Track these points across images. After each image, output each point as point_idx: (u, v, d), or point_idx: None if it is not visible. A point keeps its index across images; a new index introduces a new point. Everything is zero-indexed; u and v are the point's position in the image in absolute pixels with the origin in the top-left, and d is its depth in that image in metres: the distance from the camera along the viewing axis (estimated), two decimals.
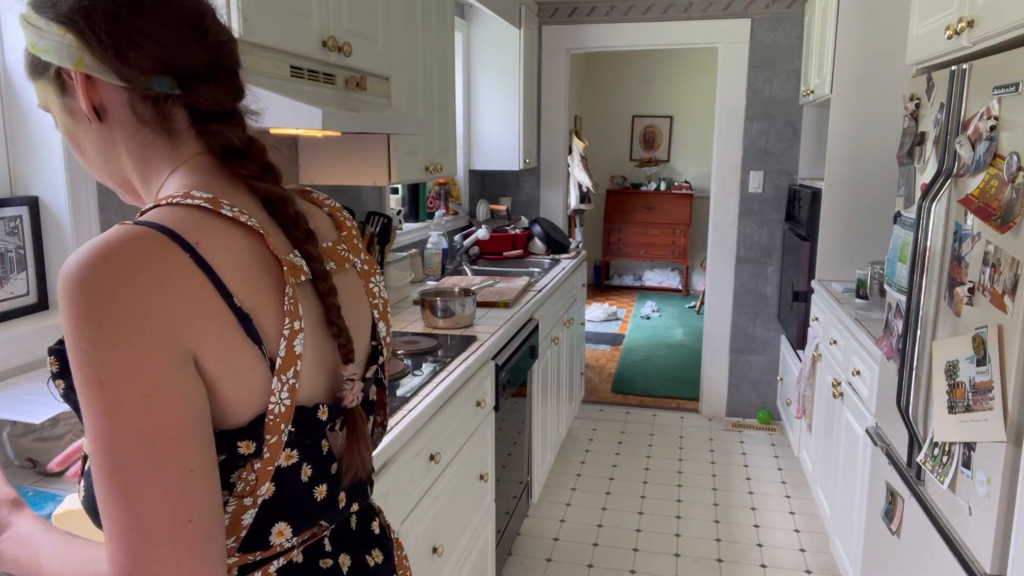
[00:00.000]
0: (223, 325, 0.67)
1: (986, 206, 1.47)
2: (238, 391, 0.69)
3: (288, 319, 0.71)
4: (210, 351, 0.66)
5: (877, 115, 3.10)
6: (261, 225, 0.73)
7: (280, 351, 0.71)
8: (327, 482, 0.79)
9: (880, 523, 2.08)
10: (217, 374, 0.67)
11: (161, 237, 0.66)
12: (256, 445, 0.70)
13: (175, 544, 0.63)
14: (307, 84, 1.70)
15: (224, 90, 0.77)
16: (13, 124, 1.51)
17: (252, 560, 0.75)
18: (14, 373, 1.41)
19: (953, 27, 1.75)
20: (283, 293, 0.72)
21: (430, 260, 3.29)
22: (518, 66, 3.87)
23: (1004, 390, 1.37)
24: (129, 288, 0.62)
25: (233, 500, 0.72)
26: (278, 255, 0.73)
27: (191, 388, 0.65)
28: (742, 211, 4.09)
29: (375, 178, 2.27)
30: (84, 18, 0.71)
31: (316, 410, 0.76)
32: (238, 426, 0.69)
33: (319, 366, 0.77)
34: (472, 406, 2.09)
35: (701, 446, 3.93)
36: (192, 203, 0.70)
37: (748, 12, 3.90)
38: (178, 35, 0.74)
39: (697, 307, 6.97)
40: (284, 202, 0.78)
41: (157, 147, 0.77)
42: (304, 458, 0.76)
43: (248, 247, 0.71)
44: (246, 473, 0.71)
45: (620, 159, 7.96)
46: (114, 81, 0.73)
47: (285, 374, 0.71)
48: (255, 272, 0.71)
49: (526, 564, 2.80)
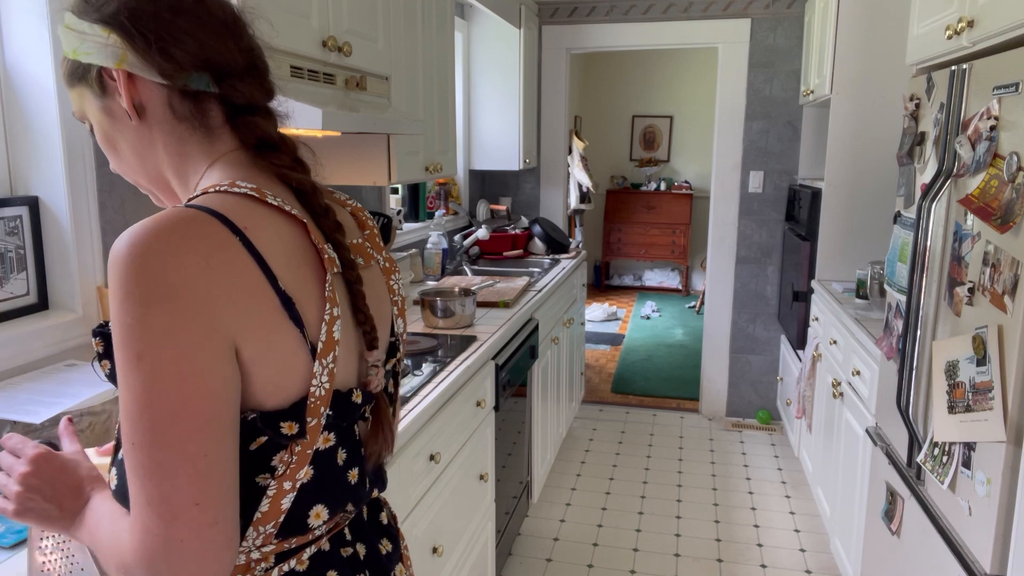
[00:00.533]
0: (267, 307, 0.70)
1: (986, 206, 1.47)
2: (279, 373, 0.71)
3: (329, 305, 0.75)
4: (253, 333, 0.68)
5: (877, 115, 3.10)
6: (303, 215, 0.77)
7: (321, 336, 0.74)
8: (358, 466, 0.83)
9: (880, 523, 2.08)
10: (258, 356, 0.69)
11: (212, 219, 0.68)
12: (299, 426, 0.73)
13: (180, 524, 0.65)
14: (307, 84, 1.70)
15: (258, 86, 0.81)
16: (13, 124, 1.51)
17: (288, 547, 0.78)
18: (14, 373, 1.41)
19: (953, 27, 1.75)
20: (323, 280, 0.76)
21: (430, 260, 3.29)
22: (518, 66, 3.88)
23: (1004, 390, 1.37)
24: (178, 266, 0.65)
25: (274, 484, 0.74)
26: (318, 244, 0.76)
27: (225, 374, 0.67)
28: (742, 211, 4.09)
29: (375, 178, 2.27)
30: (129, 18, 0.75)
31: (351, 394, 0.79)
32: (280, 407, 0.72)
33: (349, 352, 0.81)
34: (472, 406, 2.09)
35: (701, 446, 3.93)
36: (239, 191, 0.73)
37: (748, 12, 3.90)
38: (216, 35, 0.77)
39: (697, 307, 6.97)
40: (316, 192, 0.82)
41: (195, 143, 0.80)
42: (340, 441, 0.79)
43: (291, 235, 0.75)
44: (287, 456, 0.74)
45: (620, 159, 7.96)
46: (155, 78, 0.76)
47: (325, 358, 0.74)
48: (297, 259, 0.74)
49: (526, 564, 2.80)
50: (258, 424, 0.71)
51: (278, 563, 0.77)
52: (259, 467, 0.73)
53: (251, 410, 0.71)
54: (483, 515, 2.26)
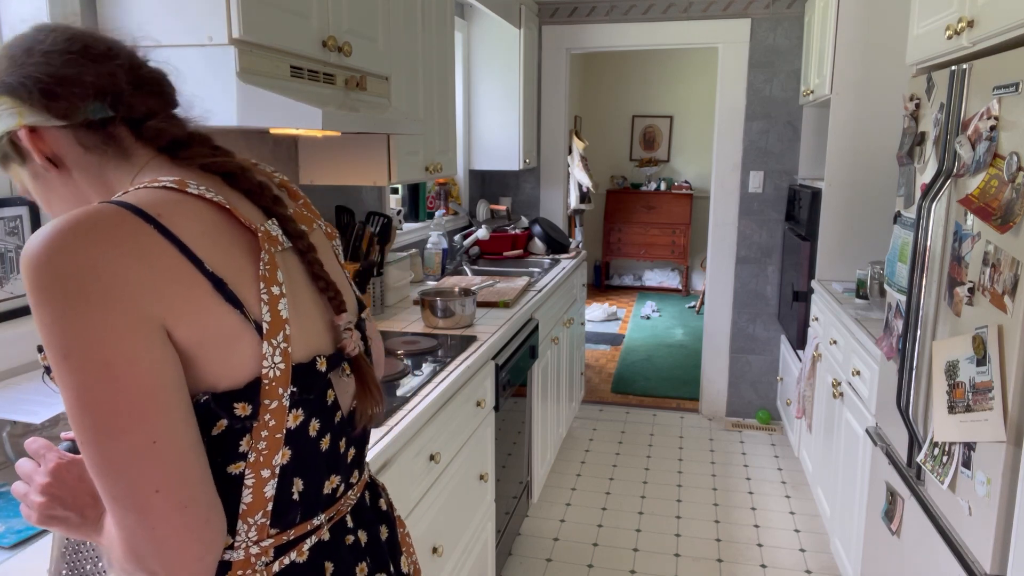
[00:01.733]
0: (196, 290, 0.69)
1: (986, 206, 1.47)
2: (223, 354, 0.71)
3: (264, 284, 0.74)
4: (184, 317, 0.68)
5: (877, 115, 3.10)
6: (227, 200, 0.76)
7: (264, 316, 0.73)
8: (331, 432, 0.83)
9: (880, 523, 2.08)
10: (196, 339, 0.69)
11: (121, 210, 0.68)
12: (252, 408, 0.72)
13: (146, 513, 0.65)
14: (307, 84, 1.70)
15: (153, 96, 0.82)
16: None
17: (287, 540, 0.78)
18: (14, 373, 1.41)
19: (953, 27, 1.74)
20: (258, 260, 0.75)
21: (430, 260, 3.29)
22: (518, 66, 3.87)
23: (1004, 390, 1.37)
24: (88, 258, 0.64)
25: (250, 472, 0.74)
26: (250, 224, 0.76)
27: (156, 358, 0.66)
28: (742, 211, 4.09)
29: (375, 178, 2.27)
30: (9, 77, 0.76)
31: (314, 363, 0.79)
32: (234, 387, 0.71)
33: (314, 322, 0.81)
34: (472, 406, 2.09)
35: (701, 446, 3.93)
36: (157, 185, 0.74)
37: (748, 12, 3.90)
38: (96, 63, 0.78)
39: (697, 307, 6.97)
40: (244, 171, 0.82)
41: (112, 167, 0.80)
42: (310, 413, 0.79)
43: (215, 220, 0.74)
44: (254, 441, 0.73)
45: (620, 159, 7.96)
46: (54, 123, 0.77)
47: (275, 338, 0.73)
48: (226, 241, 0.74)
49: (526, 564, 2.80)
50: (211, 406, 0.71)
51: (278, 556, 0.78)
52: (227, 455, 0.73)
53: (203, 392, 0.71)
54: (483, 515, 2.26)
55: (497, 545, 2.45)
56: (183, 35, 1.47)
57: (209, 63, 1.47)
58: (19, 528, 1.07)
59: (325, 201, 2.56)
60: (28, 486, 0.82)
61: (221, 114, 1.49)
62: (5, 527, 1.08)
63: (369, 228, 2.50)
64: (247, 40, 1.47)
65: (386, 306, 2.66)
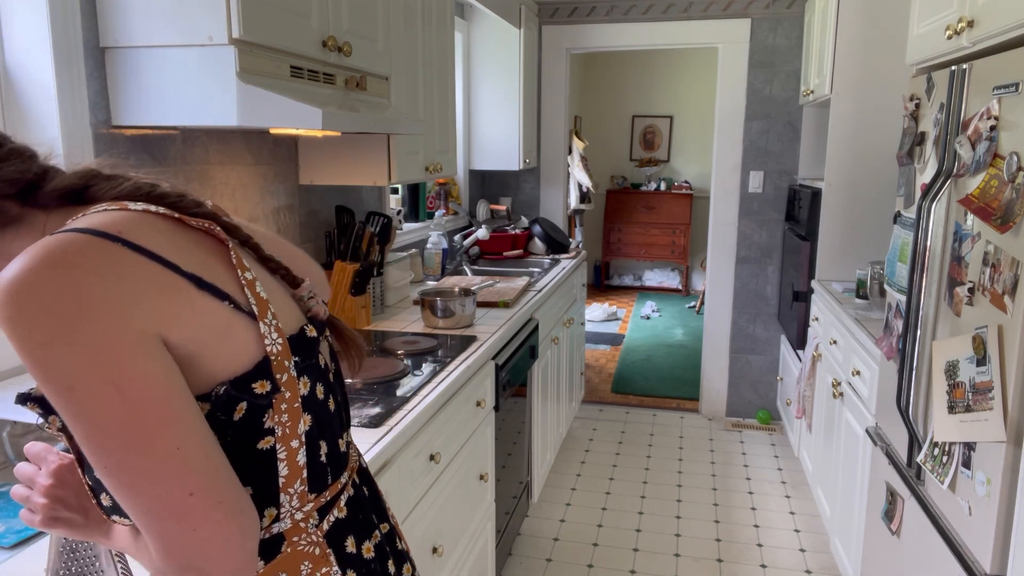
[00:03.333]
0: (180, 293, 0.70)
1: (986, 206, 1.47)
2: (227, 344, 0.72)
3: (240, 271, 0.76)
4: (177, 321, 0.69)
5: (877, 115, 3.10)
6: (164, 209, 0.76)
7: (251, 300, 0.75)
8: (330, 393, 0.87)
9: (880, 523, 2.08)
10: (194, 337, 0.70)
11: (82, 235, 0.67)
12: (270, 383, 0.75)
13: (186, 518, 0.66)
14: (307, 84, 1.70)
15: (21, 162, 0.78)
16: (13, 124, 1.51)
17: (325, 501, 0.82)
18: (14, 373, 1.41)
19: (953, 27, 1.74)
20: (220, 254, 0.76)
21: (430, 260, 3.29)
22: (518, 66, 3.87)
23: (1004, 390, 1.37)
24: (68, 287, 0.63)
25: (281, 446, 0.76)
26: (201, 225, 0.77)
27: (159, 367, 0.66)
28: (742, 211, 4.09)
29: (375, 178, 2.27)
30: None
31: (304, 332, 0.82)
32: (246, 371, 0.73)
33: (283, 299, 0.83)
34: (472, 406, 2.09)
35: (701, 446, 3.93)
36: (99, 210, 0.73)
37: (748, 12, 3.90)
38: None
39: (697, 307, 6.97)
40: (154, 189, 0.80)
41: (9, 239, 0.77)
42: (314, 379, 0.82)
43: (169, 227, 0.75)
44: (277, 415, 0.76)
45: (620, 159, 7.95)
46: None
47: (266, 318, 0.75)
48: (186, 245, 0.74)
49: (526, 564, 2.80)
50: (232, 392, 0.72)
51: (323, 517, 0.81)
52: (254, 434, 0.74)
53: (219, 384, 0.72)
54: (483, 515, 2.26)
55: (497, 545, 2.45)
56: (183, 35, 1.47)
57: (209, 63, 1.47)
58: (19, 528, 1.07)
59: (325, 201, 2.56)
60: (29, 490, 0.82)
61: (221, 114, 1.49)
62: (5, 527, 1.08)
63: (369, 228, 2.50)
64: (247, 40, 1.47)
65: (386, 306, 2.66)
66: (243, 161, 2.08)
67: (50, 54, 1.46)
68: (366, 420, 1.57)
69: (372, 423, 1.56)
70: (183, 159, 1.83)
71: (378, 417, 1.59)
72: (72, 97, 1.50)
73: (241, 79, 1.46)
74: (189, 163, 1.86)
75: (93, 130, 1.55)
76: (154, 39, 1.50)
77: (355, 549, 0.85)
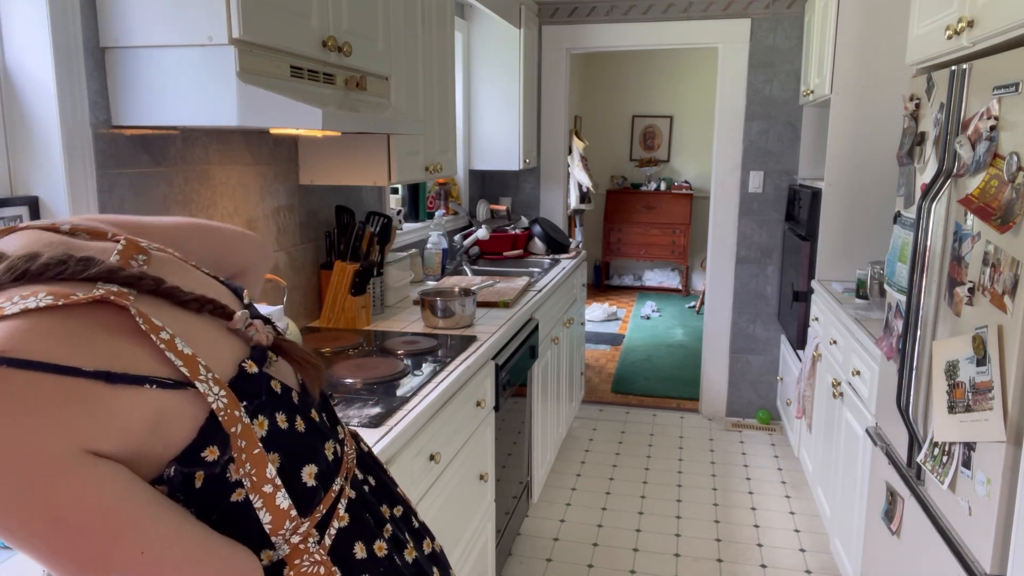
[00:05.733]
0: (88, 398, 0.63)
1: (986, 206, 1.47)
2: (164, 428, 0.67)
3: (153, 334, 0.68)
4: (97, 430, 0.63)
5: (877, 115, 3.10)
6: (48, 293, 0.66)
7: (175, 362, 0.68)
8: (298, 413, 0.80)
9: (880, 523, 2.08)
10: (126, 441, 0.64)
11: None
12: (219, 447, 0.69)
13: None
14: (307, 84, 1.70)
15: None
16: (13, 124, 1.51)
17: (320, 515, 0.79)
18: None
19: (953, 27, 1.75)
20: (124, 323, 0.68)
21: (430, 260, 3.29)
22: (518, 66, 3.87)
23: (1004, 390, 1.37)
24: None
25: (255, 496, 0.72)
26: (92, 298, 0.67)
27: (91, 482, 0.62)
28: (742, 211, 4.09)
29: (375, 178, 2.27)
30: None
31: (243, 371, 0.75)
32: (190, 442, 0.68)
33: (216, 341, 0.76)
34: (472, 406, 2.09)
35: (701, 446, 3.93)
36: None
37: (748, 12, 3.90)
38: None
39: (697, 307, 6.97)
40: (32, 263, 0.71)
41: None
42: (271, 412, 0.76)
43: (56, 321, 0.65)
44: (240, 467, 0.71)
45: (620, 159, 7.96)
46: None
47: (199, 375, 0.69)
48: (78, 331, 0.65)
49: (526, 564, 2.80)
50: (183, 470, 0.68)
51: (323, 532, 0.78)
52: (223, 491, 0.71)
53: (167, 465, 0.67)
54: (483, 515, 2.26)
55: (497, 545, 2.45)
56: (183, 35, 1.47)
57: (209, 63, 1.47)
58: None
59: (325, 201, 2.56)
60: None
61: (221, 114, 1.49)
62: None
63: (369, 228, 2.50)
64: (247, 40, 1.47)
65: (386, 306, 2.66)
66: (243, 161, 2.08)
67: (50, 54, 1.46)
68: (366, 420, 1.57)
69: (372, 423, 1.56)
70: (183, 159, 1.84)
71: (378, 417, 1.59)
72: (72, 97, 1.50)
73: (241, 79, 1.46)
74: (189, 163, 1.86)
75: (93, 130, 1.55)
76: (154, 39, 1.50)
77: (366, 554, 0.82)
